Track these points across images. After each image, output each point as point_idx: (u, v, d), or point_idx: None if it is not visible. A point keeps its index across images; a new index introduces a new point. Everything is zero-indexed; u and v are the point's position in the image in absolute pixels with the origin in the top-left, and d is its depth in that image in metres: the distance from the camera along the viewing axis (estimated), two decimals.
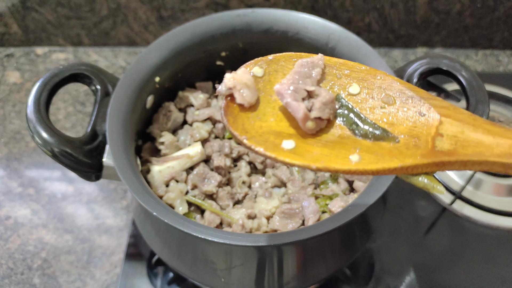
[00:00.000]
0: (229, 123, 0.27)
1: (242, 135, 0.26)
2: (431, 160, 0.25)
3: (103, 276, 0.61)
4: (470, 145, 0.25)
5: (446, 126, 0.26)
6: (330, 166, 0.25)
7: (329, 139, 0.27)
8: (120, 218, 0.66)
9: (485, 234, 0.62)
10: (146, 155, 0.56)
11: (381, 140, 0.26)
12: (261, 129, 0.27)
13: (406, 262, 0.60)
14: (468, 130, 0.26)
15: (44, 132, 0.45)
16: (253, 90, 0.28)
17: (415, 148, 0.26)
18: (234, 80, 0.27)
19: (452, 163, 0.25)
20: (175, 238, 0.48)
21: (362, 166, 0.25)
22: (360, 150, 0.26)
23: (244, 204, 0.54)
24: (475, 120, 0.26)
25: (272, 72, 0.29)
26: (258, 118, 0.27)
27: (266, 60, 0.29)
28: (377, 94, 0.28)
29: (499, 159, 0.24)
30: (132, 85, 0.52)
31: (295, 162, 0.25)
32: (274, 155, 0.26)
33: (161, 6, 0.82)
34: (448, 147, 0.25)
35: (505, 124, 0.71)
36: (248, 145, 0.26)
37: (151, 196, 0.45)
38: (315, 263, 0.48)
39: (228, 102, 0.28)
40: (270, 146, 0.26)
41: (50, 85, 0.48)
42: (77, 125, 0.78)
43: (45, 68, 0.87)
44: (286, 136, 0.27)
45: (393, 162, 0.25)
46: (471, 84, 0.48)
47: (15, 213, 0.67)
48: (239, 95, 0.27)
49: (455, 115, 0.26)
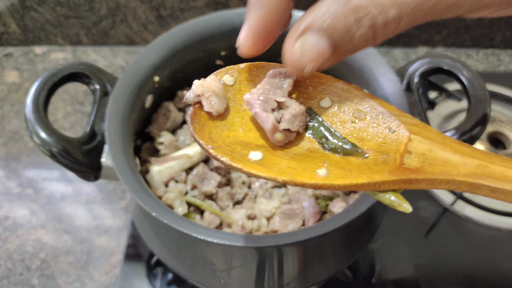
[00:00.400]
0: (195, 131, 0.26)
1: (208, 144, 0.26)
2: (399, 177, 0.25)
3: (102, 276, 0.60)
4: (437, 164, 0.25)
5: (415, 143, 0.26)
6: (297, 179, 0.25)
7: (297, 152, 0.27)
8: (119, 219, 0.66)
9: (486, 234, 0.62)
10: (145, 155, 0.56)
11: (350, 155, 0.26)
12: (229, 139, 0.26)
13: (407, 263, 0.60)
14: (437, 149, 0.25)
15: (43, 132, 0.45)
16: (222, 98, 0.27)
17: (384, 165, 0.25)
18: (202, 87, 0.26)
19: (419, 181, 0.25)
20: (175, 238, 0.47)
21: (329, 180, 0.25)
22: (328, 164, 0.26)
23: (244, 204, 0.53)
24: (444, 139, 0.26)
25: (243, 81, 0.28)
26: (226, 127, 0.27)
27: (238, 69, 0.29)
28: (348, 109, 0.28)
29: (465, 178, 0.24)
30: (131, 85, 0.52)
31: (261, 174, 0.25)
32: (240, 166, 0.25)
33: (161, 5, 0.82)
34: (416, 165, 0.25)
35: (506, 124, 0.71)
36: (213, 155, 0.26)
37: (150, 197, 0.45)
38: (315, 264, 0.47)
39: (196, 109, 0.27)
40: (237, 156, 0.26)
41: (49, 85, 0.48)
42: (76, 125, 0.78)
43: (44, 68, 0.87)
44: (254, 147, 0.26)
45: (361, 177, 0.25)
46: (472, 83, 0.48)
47: (14, 213, 0.67)
48: (207, 103, 0.26)
49: (424, 133, 0.26)
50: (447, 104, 0.74)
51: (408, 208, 0.25)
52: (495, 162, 0.24)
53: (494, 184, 0.24)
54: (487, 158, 0.25)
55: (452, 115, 0.73)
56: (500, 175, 0.24)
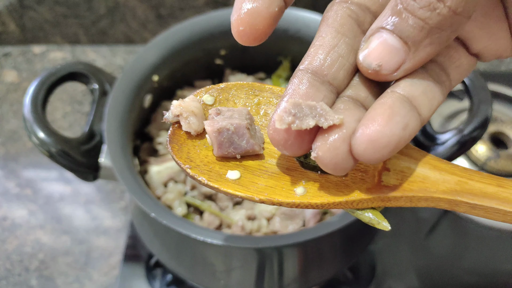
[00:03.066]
0: (173, 152, 0.26)
1: (185, 164, 0.26)
2: (377, 195, 0.25)
3: (101, 277, 0.60)
4: (416, 181, 0.25)
5: (394, 160, 0.25)
6: (274, 198, 0.25)
7: (275, 171, 0.26)
8: (118, 219, 0.65)
9: (487, 235, 0.62)
10: (144, 155, 0.55)
11: (329, 173, 0.26)
12: (207, 158, 0.26)
13: (407, 264, 0.59)
14: (415, 165, 0.25)
15: (41, 132, 0.45)
16: (200, 118, 0.27)
17: (362, 182, 0.25)
18: (180, 107, 0.26)
19: (398, 198, 0.25)
20: (174, 239, 0.47)
21: (307, 199, 0.25)
22: (306, 182, 0.25)
23: (243, 205, 0.53)
24: (422, 155, 0.26)
25: (223, 100, 0.28)
26: (204, 146, 0.27)
27: (218, 88, 0.29)
28: None
29: (444, 195, 0.24)
30: (130, 84, 0.51)
31: (239, 194, 0.25)
32: (217, 186, 0.25)
33: (160, 5, 0.82)
34: (394, 182, 0.25)
35: (507, 124, 0.71)
36: (191, 175, 0.25)
37: (149, 197, 0.45)
38: (315, 265, 0.47)
39: (175, 129, 0.27)
40: (214, 176, 0.25)
41: (47, 85, 0.48)
42: (74, 124, 0.77)
43: (42, 67, 0.87)
44: (232, 166, 0.26)
45: (339, 196, 0.25)
46: (473, 83, 0.48)
47: (12, 213, 0.67)
48: (185, 123, 0.26)
49: (403, 150, 0.26)
50: (449, 104, 0.74)
51: (387, 226, 0.25)
52: (475, 179, 0.24)
53: (473, 200, 0.24)
54: (466, 175, 0.25)
55: (453, 115, 0.73)
56: (479, 192, 0.24)
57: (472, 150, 0.67)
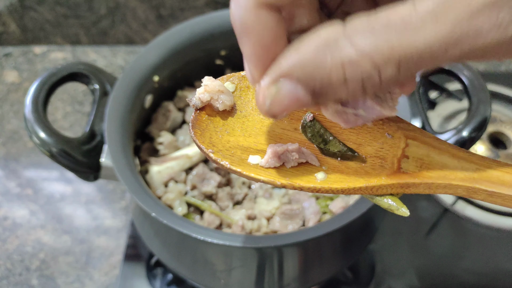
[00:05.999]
0: (196, 136, 0.27)
1: (208, 148, 0.26)
2: (396, 181, 0.25)
3: (102, 277, 0.60)
4: (435, 168, 0.26)
5: (412, 148, 0.26)
6: (295, 183, 0.25)
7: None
8: (119, 219, 0.65)
9: (487, 235, 0.62)
10: (145, 155, 0.56)
11: (348, 160, 0.27)
12: (229, 144, 0.27)
13: (407, 263, 0.59)
14: (434, 153, 0.26)
15: (42, 132, 0.45)
16: (228, 93, 0.28)
17: (381, 169, 0.26)
18: (207, 93, 0.27)
19: (417, 185, 0.25)
20: (174, 239, 0.47)
21: (327, 184, 0.25)
22: (326, 168, 0.26)
23: (244, 204, 0.53)
24: (441, 144, 0.26)
25: (244, 88, 0.29)
26: (226, 132, 0.27)
27: (239, 76, 0.29)
28: None
29: (462, 182, 0.25)
30: (130, 85, 0.52)
31: (260, 178, 0.25)
32: (240, 170, 0.26)
33: (160, 5, 0.82)
34: (413, 169, 0.26)
35: (506, 124, 0.71)
36: (213, 159, 0.26)
37: (150, 197, 0.45)
38: (315, 264, 0.47)
39: (197, 115, 0.27)
40: (236, 160, 0.26)
41: (48, 85, 0.48)
42: (75, 125, 0.77)
43: (43, 68, 0.87)
44: (253, 151, 0.27)
45: (359, 182, 0.25)
46: (473, 83, 0.48)
47: (13, 213, 0.67)
48: (218, 103, 0.27)
49: (422, 138, 0.27)
50: (448, 104, 0.74)
51: (406, 212, 0.26)
52: (493, 167, 0.25)
53: (491, 188, 0.24)
54: (484, 163, 0.25)
55: (452, 115, 0.73)
56: (497, 180, 0.24)
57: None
